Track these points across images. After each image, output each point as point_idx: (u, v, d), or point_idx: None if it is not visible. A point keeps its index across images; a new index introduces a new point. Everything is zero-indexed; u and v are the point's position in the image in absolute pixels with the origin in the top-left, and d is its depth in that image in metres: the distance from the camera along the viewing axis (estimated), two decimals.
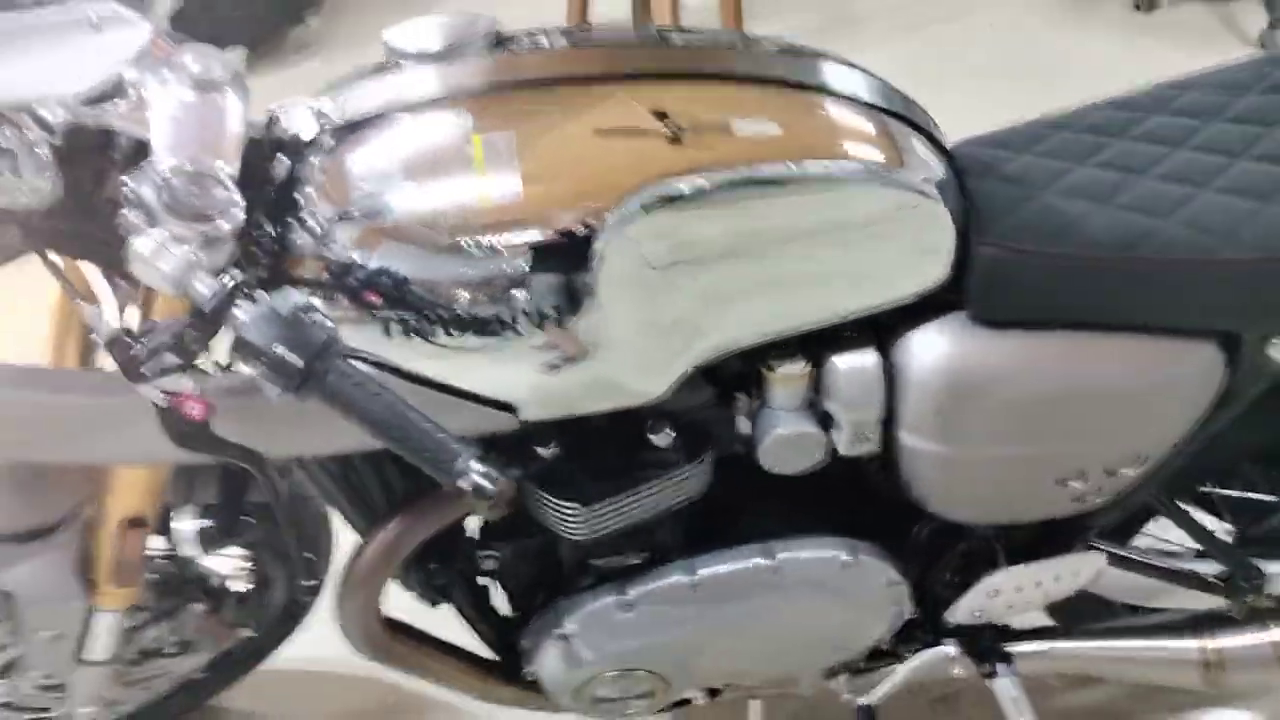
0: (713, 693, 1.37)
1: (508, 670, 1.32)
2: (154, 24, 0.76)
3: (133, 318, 1.02)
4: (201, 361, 0.84)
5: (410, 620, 1.28)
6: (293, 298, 0.82)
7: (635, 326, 0.96)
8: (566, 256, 0.91)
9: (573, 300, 0.92)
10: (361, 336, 0.93)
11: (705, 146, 0.95)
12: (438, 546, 1.19)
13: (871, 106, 1.04)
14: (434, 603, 1.27)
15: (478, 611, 1.29)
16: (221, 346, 0.84)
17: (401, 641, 1.23)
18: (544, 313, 0.92)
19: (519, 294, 0.91)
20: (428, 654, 1.26)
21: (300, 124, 0.96)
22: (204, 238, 0.81)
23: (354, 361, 0.81)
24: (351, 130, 0.95)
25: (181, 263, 0.80)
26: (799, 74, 1.04)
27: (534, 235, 0.91)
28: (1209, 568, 1.32)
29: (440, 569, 1.22)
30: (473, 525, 1.22)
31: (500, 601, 1.31)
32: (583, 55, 1.02)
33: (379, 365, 0.94)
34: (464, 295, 0.91)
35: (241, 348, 0.80)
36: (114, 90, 0.90)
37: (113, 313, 1.03)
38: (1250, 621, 1.31)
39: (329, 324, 0.82)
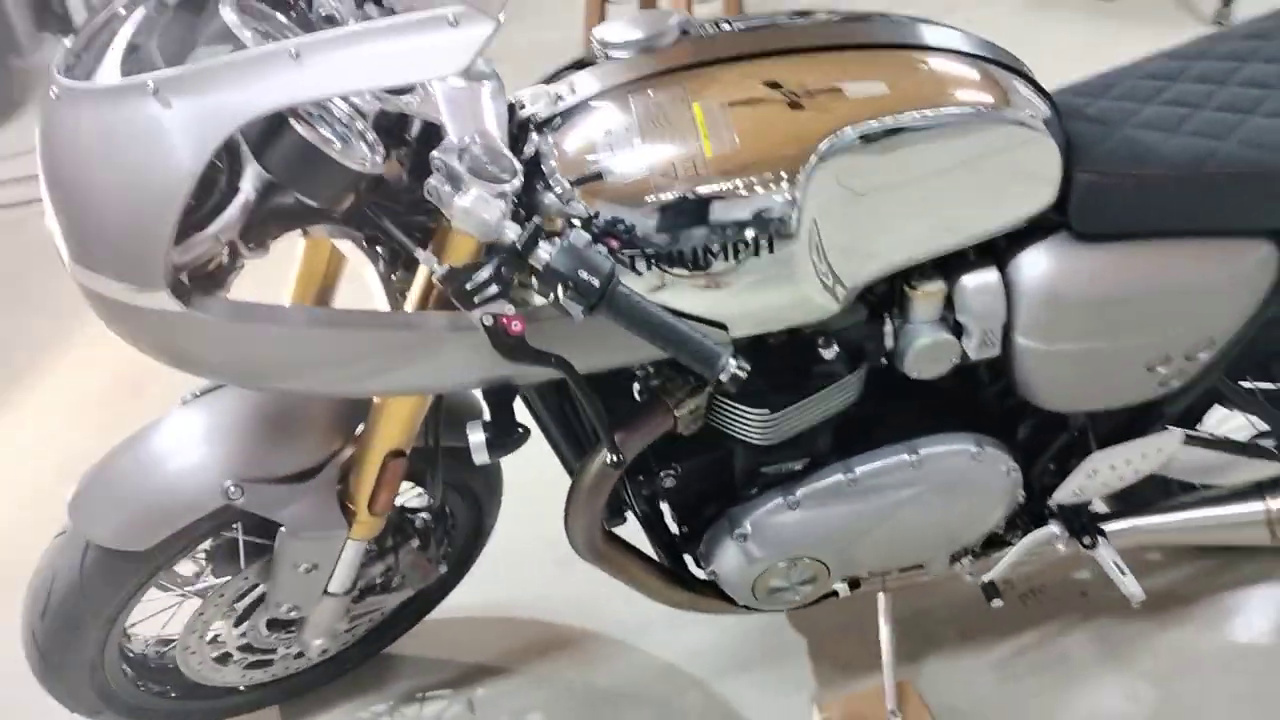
0: (853, 585, 1.59)
1: (686, 578, 1.54)
2: (497, 22, 0.97)
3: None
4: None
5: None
6: (582, 235, 1.04)
7: (822, 251, 1.18)
8: (773, 199, 1.14)
9: (780, 233, 1.15)
10: None
11: (825, 107, 1.16)
12: (627, 473, 1.41)
13: (975, 56, 1.27)
14: (622, 519, 1.49)
15: (657, 528, 1.51)
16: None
17: (614, 551, 1.45)
18: (760, 244, 1.14)
19: (739, 231, 1.14)
20: (630, 562, 1.48)
21: (541, 107, 1.18)
22: (500, 194, 1.03)
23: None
24: (582, 109, 1.17)
25: (496, 212, 1.02)
26: (910, 37, 1.27)
27: (748, 182, 1.13)
28: (1265, 441, 1.57)
29: (632, 489, 1.43)
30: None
31: (671, 523, 1.54)
32: (746, 37, 1.24)
33: None
34: (694, 235, 1.13)
35: (549, 276, 1.02)
36: (408, 84, 1.12)
37: (374, 276, 1.24)
38: None
39: (609, 254, 1.05)
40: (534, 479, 1.65)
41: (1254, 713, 1.70)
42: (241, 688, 1.64)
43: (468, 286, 1.03)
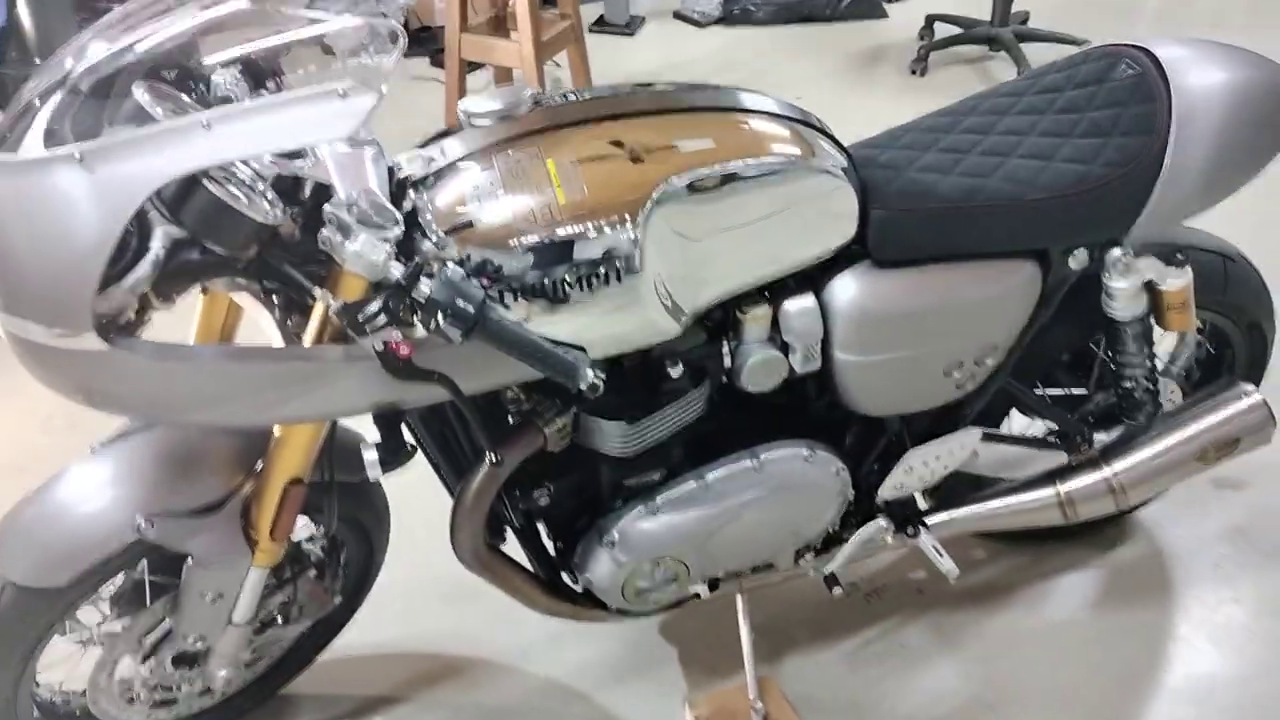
0: (713, 586, 1.78)
1: (562, 589, 1.71)
2: (380, 94, 1.15)
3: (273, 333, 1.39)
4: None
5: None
6: (457, 270, 1.23)
7: (661, 282, 1.39)
8: (619, 238, 1.34)
9: (625, 267, 1.35)
10: None
11: (662, 160, 1.38)
12: (505, 491, 1.58)
13: (785, 117, 1.52)
14: (503, 538, 1.66)
15: (533, 543, 1.68)
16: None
17: (496, 563, 1.61)
18: (609, 276, 1.34)
19: (591, 266, 1.33)
20: (512, 574, 1.64)
21: (416, 168, 1.37)
22: (385, 239, 1.21)
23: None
24: (451, 169, 1.36)
25: (383, 254, 1.19)
26: (732, 102, 1.51)
27: (597, 225, 1.33)
28: (1052, 438, 1.84)
29: (510, 507, 1.60)
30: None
31: (546, 539, 1.71)
32: (591, 104, 1.46)
33: None
34: (553, 271, 1.33)
35: (430, 306, 1.20)
36: (299, 150, 1.29)
37: (270, 323, 1.40)
38: (1085, 467, 1.83)
39: (480, 287, 1.23)
40: (421, 521, 1.81)
41: (1069, 680, 1.95)
42: None
43: (360, 317, 1.20)
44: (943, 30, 4.38)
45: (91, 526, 1.41)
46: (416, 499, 1.76)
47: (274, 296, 1.40)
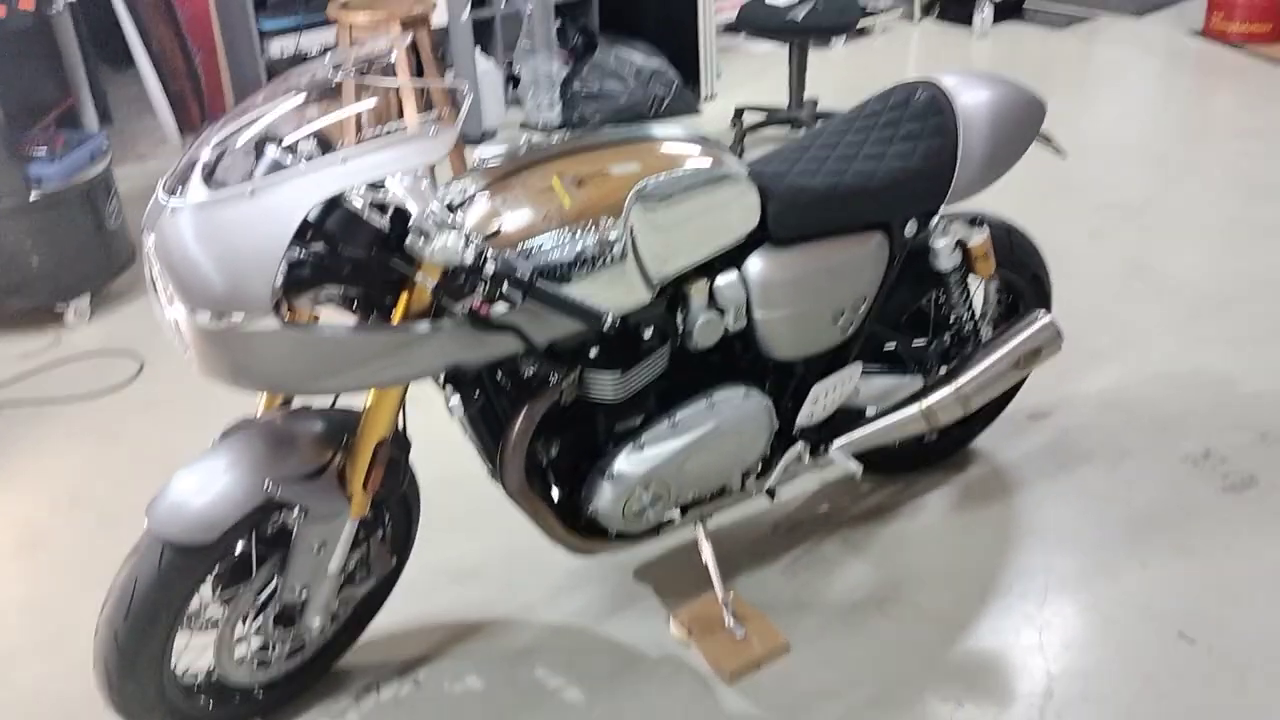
0: (683, 511, 2.30)
1: (571, 523, 2.19)
2: (457, 131, 1.67)
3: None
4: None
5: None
6: (507, 253, 1.76)
7: (639, 261, 1.94)
8: (612, 231, 1.88)
9: (618, 251, 1.89)
10: None
11: (628, 176, 1.95)
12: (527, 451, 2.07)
13: (691, 139, 2.11)
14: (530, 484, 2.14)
15: (546, 490, 2.17)
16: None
17: (533, 497, 2.08)
18: (607, 259, 1.88)
19: (595, 250, 1.87)
20: (543, 508, 2.11)
21: (454, 194, 1.89)
22: (458, 235, 1.72)
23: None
24: (481, 194, 1.89)
25: (461, 245, 1.70)
26: (653, 135, 2.09)
27: (596, 222, 1.88)
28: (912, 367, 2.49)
29: (529, 463, 2.09)
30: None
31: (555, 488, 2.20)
32: (569, 144, 2.01)
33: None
34: (568, 256, 1.86)
35: (497, 277, 1.72)
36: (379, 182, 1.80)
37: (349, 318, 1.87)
38: (937, 385, 2.47)
39: (528, 264, 1.77)
40: (424, 522, 2.26)
41: (949, 562, 2.55)
42: (256, 690, 2.11)
43: (455, 288, 1.70)
44: (752, 118, 5.18)
45: (231, 492, 1.83)
46: (425, 500, 2.23)
47: (355, 304, 1.87)
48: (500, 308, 1.79)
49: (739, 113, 5.23)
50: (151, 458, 3.10)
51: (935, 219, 2.31)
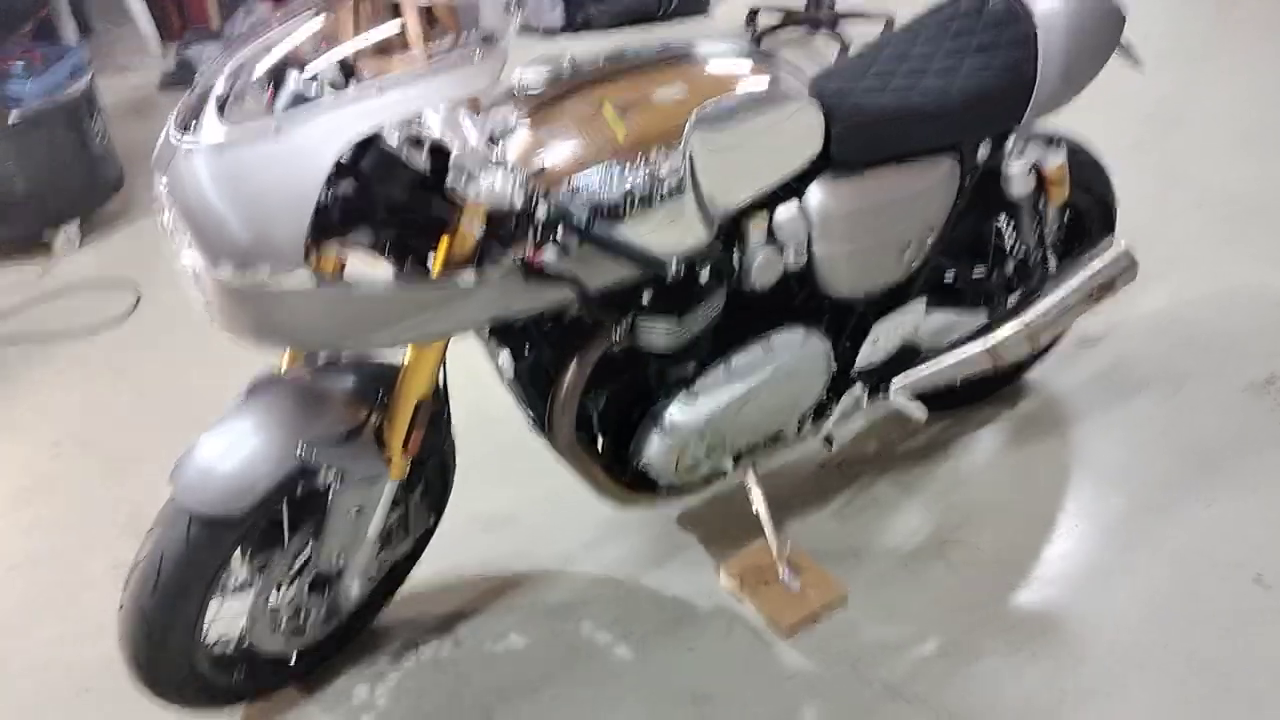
0: (735, 460, 2.16)
1: (620, 477, 2.05)
2: (505, 54, 1.47)
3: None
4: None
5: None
6: (563, 195, 1.57)
7: (699, 194, 1.76)
8: (670, 162, 1.69)
9: (676, 184, 1.70)
10: None
11: (682, 104, 1.75)
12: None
13: (743, 54, 1.91)
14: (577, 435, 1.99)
15: (594, 444, 2.02)
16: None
17: (581, 452, 1.93)
18: (665, 194, 1.70)
19: (651, 184, 1.68)
20: (591, 463, 1.97)
21: (496, 124, 1.69)
22: (509, 175, 1.54)
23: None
24: (522, 124, 1.70)
25: (510, 186, 1.52)
26: (713, 52, 1.89)
27: (653, 151, 1.69)
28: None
29: (580, 417, 1.93)
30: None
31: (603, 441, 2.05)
32: (610, 67, 1.82)
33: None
34: (622, 191, 1.67)
35: (552, 219, 1.54)
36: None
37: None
38: (1003, 320, 2.31)
39: (582, 205, 1.58)
40: (459, 478, 2.10)
41: (1006, 499, 2.43)
42: (290, 658, 1.98)
43: (504, 234, 1.53)
44: (767, 19, 4.91)
45: (262, 457, 1.67)
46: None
47: (389, 254, 1.69)
48: (552, 254, 1.61)
49: (753, 13, 4.96)
50: (156, 396, 2.94)
51: (1012, 139, 2.13)
